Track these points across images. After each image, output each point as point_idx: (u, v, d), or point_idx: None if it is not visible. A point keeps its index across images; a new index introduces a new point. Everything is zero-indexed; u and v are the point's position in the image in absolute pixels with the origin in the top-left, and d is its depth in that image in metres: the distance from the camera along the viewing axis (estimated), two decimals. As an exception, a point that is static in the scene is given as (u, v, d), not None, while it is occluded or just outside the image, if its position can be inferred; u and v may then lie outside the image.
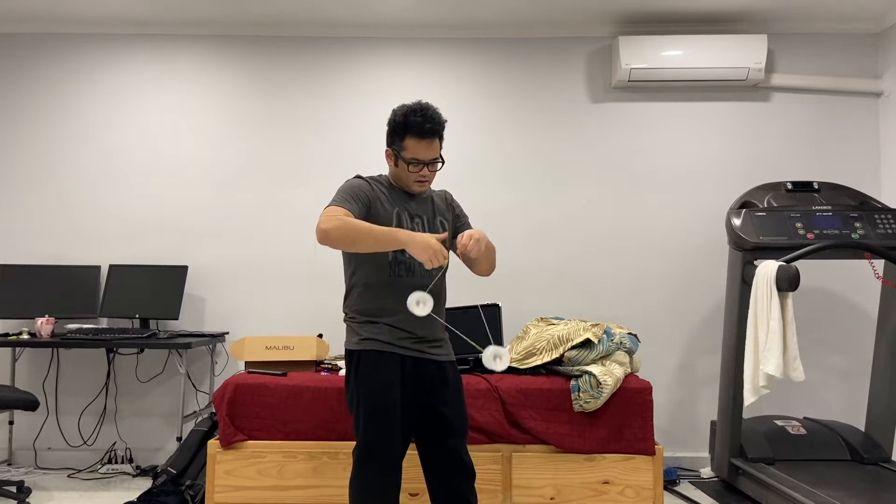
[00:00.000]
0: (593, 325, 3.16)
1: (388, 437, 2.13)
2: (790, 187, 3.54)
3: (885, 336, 3.44)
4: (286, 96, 4.11)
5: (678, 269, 4.01)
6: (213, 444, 3.04)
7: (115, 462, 3.95)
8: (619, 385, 3.01)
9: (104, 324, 4.00)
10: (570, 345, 3.07)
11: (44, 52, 4.13)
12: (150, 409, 4.00)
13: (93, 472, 3.83)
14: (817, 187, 3.54)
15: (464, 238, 2.11)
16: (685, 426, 3.95)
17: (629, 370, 3.14)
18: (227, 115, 4.11)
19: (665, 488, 3.51)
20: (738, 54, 3.83)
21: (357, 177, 2.28)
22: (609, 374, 2.98)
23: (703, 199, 4.03)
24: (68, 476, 3.74)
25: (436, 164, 2.25)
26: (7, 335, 3.68)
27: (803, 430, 3.48)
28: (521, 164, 4.07)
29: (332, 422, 3.03)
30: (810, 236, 3.27)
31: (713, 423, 3.63)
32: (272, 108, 4.11)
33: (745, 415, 3.73)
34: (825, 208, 3.38)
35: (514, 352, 3.23)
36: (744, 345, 3.32)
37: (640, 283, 4.01)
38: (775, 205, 3.44)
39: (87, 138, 4.10)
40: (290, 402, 3.04)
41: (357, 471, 2.17)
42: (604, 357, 3.06)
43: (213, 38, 4.14)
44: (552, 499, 3.00)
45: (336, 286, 4.00)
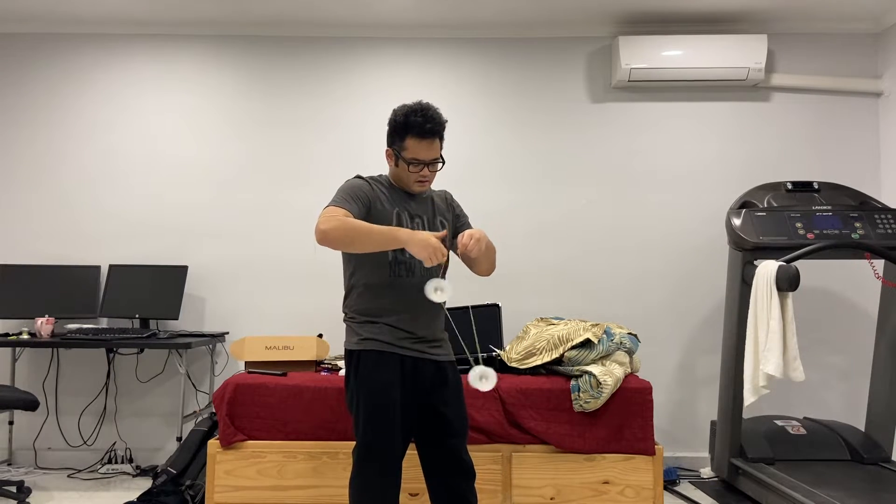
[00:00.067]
0: (593, 325, 3.16)
1: (388, 437, 2.14)
2: (790, 187, 3.54)
3: (885, 336, 3.44)
4: (286, 96, 4.11)
5: (678, 269, 4.01)
6: (213, 444, 3.04)
7: (115, 462, 3.95)
8: (619, 385, 3.01)
9: (104, 324, 4.00)
10: (570, 345, 3.07)
11: (44, 52, 4.13)
12: (150, 409, 4.00)
13: (93, 472, 3.83)
14: (817, 187, 3.54)
15: (464, 238, 2.11)
16: (685, 426, 3.95)
17: (629, 370, 3.14)
18: (227, 115, 4.11)
19: (665, 488, 3.51)
20: (738, 54, 3.83)
21: (357, 177, 2.28)
22: (609, 374, 2.98)
23: (703, 199, 4.03)
24: (68, 476, 3.74)
25: (436, 165, 2.25)
26: (7, 335, 3.68)
27: (803, 430, 3.48)
28: (521, 164, 4.07)
29: (332, 422, 3.03)
30: (810, 236, 3.27)
31: (713, 423, 3.63)
32: (272, 108, 4.11)
33: (745, 415, 3.73)
34: (825, 208, 3.38)
35: (514, 352, 3.23)
36: (744, 345, 3.32)
37: (640, 283, 4.01)
38: (775, 205, 3.44)
39: (87, 138, 4.10)
40: (290, 402, 3.04)
41: (357, 471, 2.17)
42: (604, 357, 3.06)
43: (213, 38, 4.14)
44: (552, 499, 3.00)
45: (336, 286, 4.00)
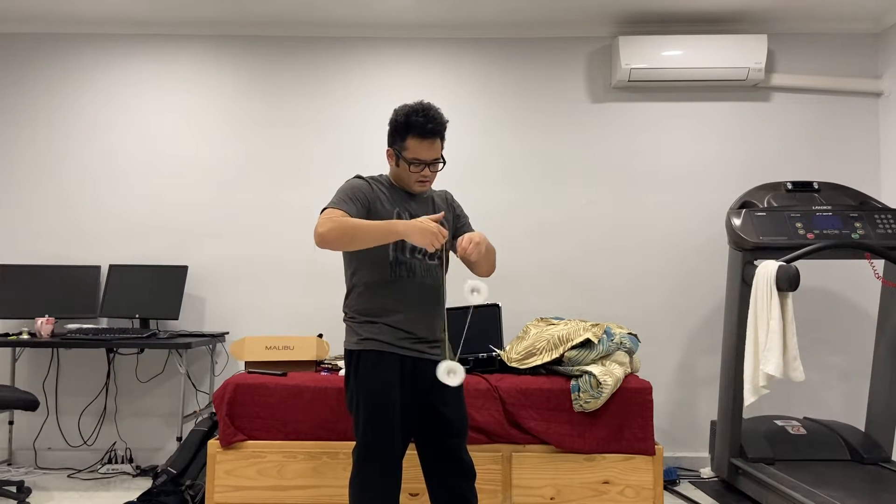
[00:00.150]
0: (593, 325, 3.16)
1: (388, 437, 2.13)
2: (790, 187, 3.54)
3: (885, 336, 3.44)
4: (286, 96, 4.11)
5: (678, 269, 4.01)
6: (213, 444, 3.04)
7: (115, 462, 3.95)
8: (619, 385, 3.01)
9: (104, 324, 4.00)
10: (570, 345, 3.07)
11: (44, 52, 4.13)
12: (150, 409, 4.00)
13: (93, 472, 3.83)
14: (817, 187, 3.54)
15: (464, 242, 2.11)
16: (685, 426, 3.96)
17: (629, 370, 3.14)
18: (227, 115, 4.11)
19: (665, 488, 3.51)
20: (738, 54, 3.83)
21: (357, 177, 2.28)
22: (609, 374, 2.98)
23: (703, 199, 4.03)
24: (68, 476, 3.74)
25: (437, 165, 2.25)
26: (7, 335, 3.67)
27: (803, 430, 3.48)
28: (521, 164, 4.07)
29: (332, 422, 3.03)
30: (810, 236, 3.27)
31: (713, 423, 3.63)
32: (272, 108, 4.11)
33: (745, 415, 3.74)
34: (825, 208, 3.38)
35: (514, 352, 3.23)
36: (744, 345, 3.32)
37: (640, 283, 4.01)
38: (775, 205, 3.45)
39: (87, 138, 4.10)
40: (290, 402, 3.04)
41: (357, 471, 2.17)
42: (604, 357, 3.06)
43: (213, 38, 4.14)
44: (552, 499, 3.00)
45: (336, 286, 4.00)
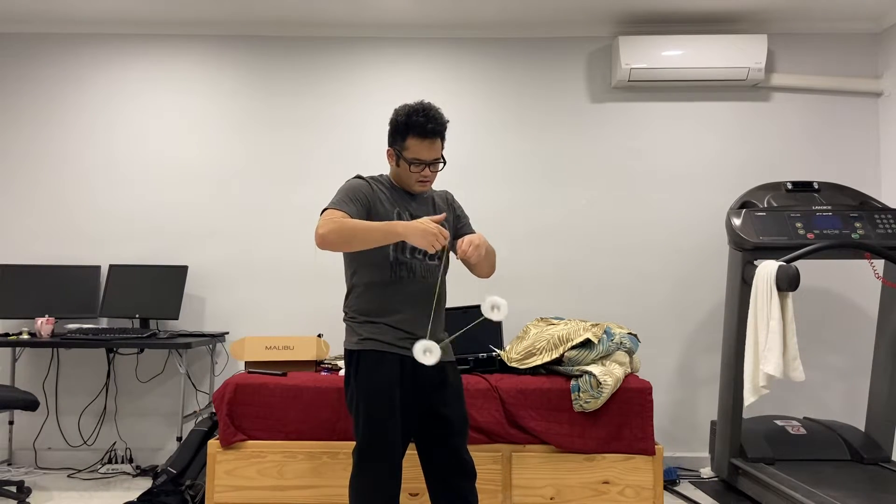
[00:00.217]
0: (593, 325, 3.16)
1: (388, 437, 2.13)
2: (790, 187, 3.54)
3: (885, 336, 3.44)
4: (286, 96, 4.11)
5: (678, 269, 4.01)
6: (213, 444, 3.04)
7: (115, 462, 3.95)
8: (619, 385, 3.01)
9: (104, 324, 4.00)
10: (570, 345, 3.07)
11: (44, 52, 4.13)
12: (150, 409, 4.00)
13: (93, 472, 3.83)
14: (817, 187, 3.54)
15: (463, 244, 2.11)
16: (685, 426, 3.96)
17: (629, 370, 3.14)
18: (227, 115, 4.11)
19: (665, 488, 3.51)
20: (738, 54, 3.83)
21: (357, 177, 2.28)
22: (609, 374, 2.98)
23: (703, 199, 4.03)
24: (68, 476, 3.74)
25: (437, 165, 2.24)
26: (7, 335, 3.67)
27: (803, 430, 3.48)
28: (521, 165, 4.07)
29: (332, 422, 3.03)
30: (810, 236, 3.27)
31: (713, 423, 3.63)
32: (272, 108, 4.11)
33: (745, 415, 3.73)
34: (825, 208, 3.38)
35: (514, 352, 3.23)
36: (744, 345, 3.32)
37: (640, 283, 4.01)
38: (775, 205, 3.45)
39: (87, 138, 4.10)
40: (290, 402, 3.04)
41: (357, 471, 2.17)
42: (604, 357, 3.06)
43: (213, 38, 4.14)
44: (552, 499, 3.00)
45: (336, 286, 4.00)
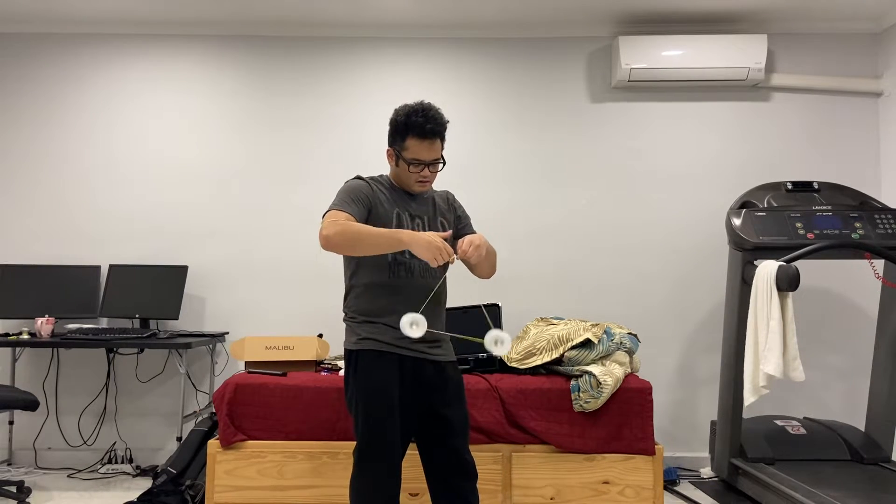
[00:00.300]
0: (593, 325, 3.16)
1: (387, 437, 2.13)
2: (790, 187, 3.54)
3: (885, 336, 3.44)
4: (286, 96, 4.11)
5: (678, 269, 4.01)
6: (213, 444, 3.04)
7: (115, 462, 3.95)
8: (619, 385, 3.01)
9: (104, 324, 4.00)
10: (570, 345, 3.07)
11: (44, 52, 4.13)
12: (150, 409, 4.00)
13: (93, 472, 3.83)
14: (817, 187, 3.54)
15: (464, 244, 2.11)
16: (685, 426, 3.95)
17: (629, 370, 3.14)
18: (227, 115, 4.11)
19: (665, 488, 3.51)
20: (738, 54, 3.83)
21: (357, 177, 2.28)
22: (609, 374, 2.98)
23: (703, 199, 4.03)
24: (68, 476, 3.74)
25: (437, 165, 2.25)
26: (7, 335, 3.67)
27: (803, 430, 3.48)
28: (521, 165, 4.07)
29: (332, 422, 3.03)
30: (810, 236, 3.27)
31: (713, 423, 3.63)
32: (272, 108, 4.11)
33: (745, 415, 3.73)
34: (825, 208, 3.38)
35: (514, 352, 3.23)
36: (744, 345, 3.32)
37: (640, 283, 4.01)
38: (775, 205, 3.44)
39: (87, 138, 4.10)
40: (290, 402, 3.04)
41: (357, 471, 2.17)
42: (604, 357, 3.06)
43: (213, 38, 4.14)
44: (552, 499, 3.00)
45: (336, 286, 4.00)
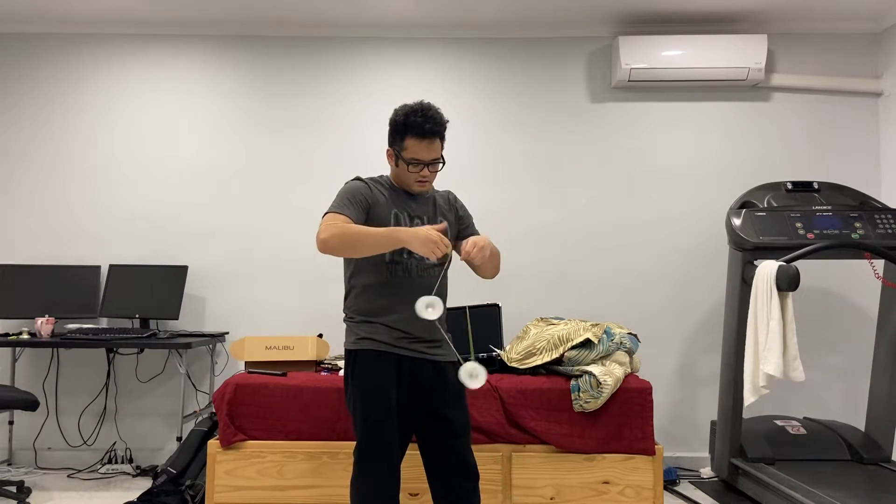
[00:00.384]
0: (593, 325, 3.16)
1: (385, 437, 2.13)
2: (790, 187, 3.54)
3: (885, 336, 3.44)
4: (286, 96, 4.11)
5: (678, 269, 4.01)
6: (213, 444, 3.04)
7: (115, 462, 3.95)
8: (619, 385, 3.01)
9: (104, 324, 4.00)
10: (570, 345, 3.07)
11: (44, 52, 4.13)
12: (150, 409, 4.00)
13: (93, 472, 3.83)
14: (817, 187, 3.54)
15: (467, 245, 2.11)
16: (685, 426, 3.95)
17: (629, 370, 3.14)
18: (227, 115, 4.11)
19: (665, 488, 3.51)
20: (738, 54, 3.83)
21: (356, 178, 2.28)
22: (609, 374, 2.98)
23: (703, 199, 4.03)
24: (68, 476, 3.74)
25: (436, 165, 2.24)
26: (7, 335, 3.67)
27: (803, 430, 3.48)
28: (521, 164, 4.07)
29: (332, 422, 3.03)
30: (810, 236, 3.27)
31: (713, 423, 3.63)
32: (272, 108, 4.11)
33: (745, 415, 3.73)
34: (825, 208, 3.38)
35: (514, 352, 3.23)
36: (744, 345, 3.32)
37: (640, 283, 4.01)
38: (775, 205, 3.44)
39: (87, 138, 4.10)
40: (290, 402, 3.04)
41: (357, 471, 2.17)
42: (604, 357, 3.06)
43: (213, 38, 4.14)
44: (552, 499, 3.00)
45: (336, 286, 4.00)
